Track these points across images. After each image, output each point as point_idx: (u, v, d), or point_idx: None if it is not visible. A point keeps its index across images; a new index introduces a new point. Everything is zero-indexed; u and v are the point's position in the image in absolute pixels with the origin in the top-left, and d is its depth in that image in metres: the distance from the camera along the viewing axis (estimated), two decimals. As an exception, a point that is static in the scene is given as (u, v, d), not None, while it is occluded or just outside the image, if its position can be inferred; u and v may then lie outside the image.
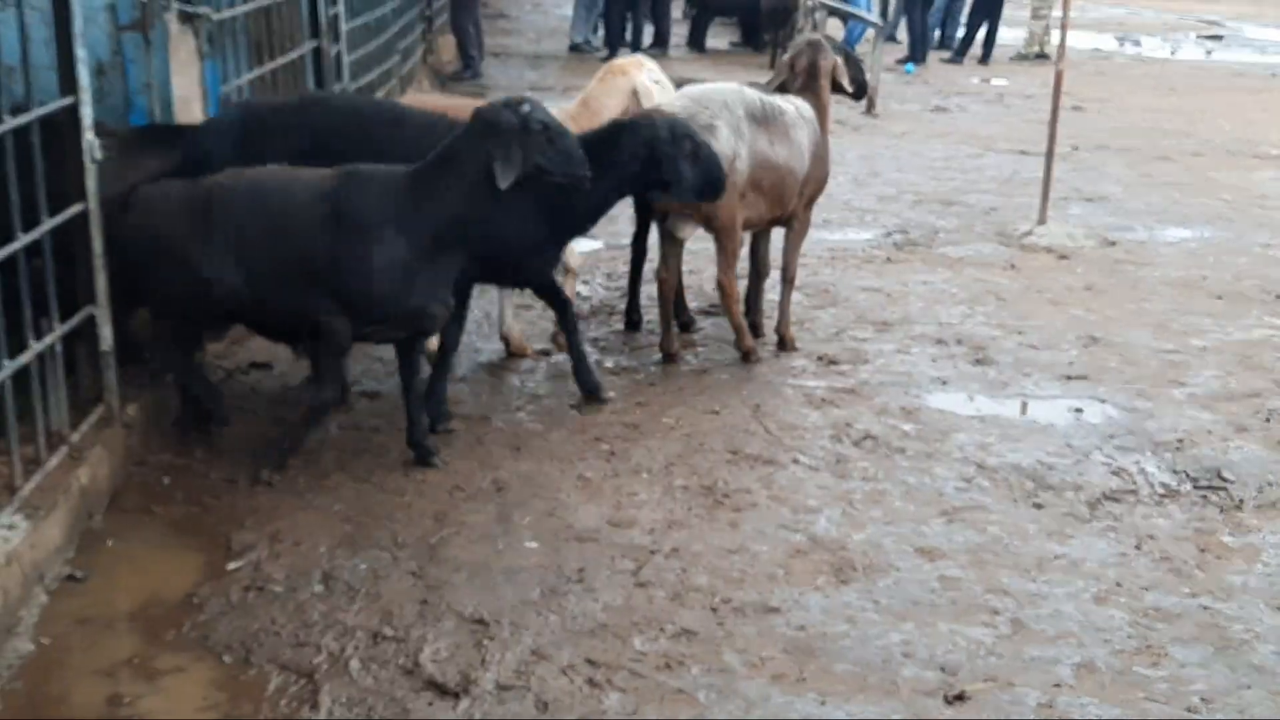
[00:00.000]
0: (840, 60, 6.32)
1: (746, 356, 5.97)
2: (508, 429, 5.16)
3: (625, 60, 6.59)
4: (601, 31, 16.18)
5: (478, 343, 6.15)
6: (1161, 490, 4.83)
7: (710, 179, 5.20)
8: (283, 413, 5.19)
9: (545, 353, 6.01)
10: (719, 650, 3.70)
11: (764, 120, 5.77)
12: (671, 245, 5.95)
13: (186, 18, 5.60)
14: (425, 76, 13.15)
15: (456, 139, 4.56)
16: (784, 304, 6.17)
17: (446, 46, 14.86)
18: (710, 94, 5.82)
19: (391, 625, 3.76)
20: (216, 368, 5.57)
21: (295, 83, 7.43)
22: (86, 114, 4.34)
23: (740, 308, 6.08)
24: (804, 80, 6.30)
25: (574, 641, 3.71)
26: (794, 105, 6.06)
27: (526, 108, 4.51)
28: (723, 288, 5.93)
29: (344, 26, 8.75)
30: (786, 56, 6.52)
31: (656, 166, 5.11)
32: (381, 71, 10.17)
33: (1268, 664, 3.72)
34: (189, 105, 5.64)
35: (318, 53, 7.99)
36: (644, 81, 6.17)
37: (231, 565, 4.07)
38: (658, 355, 6.00)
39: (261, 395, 5.42)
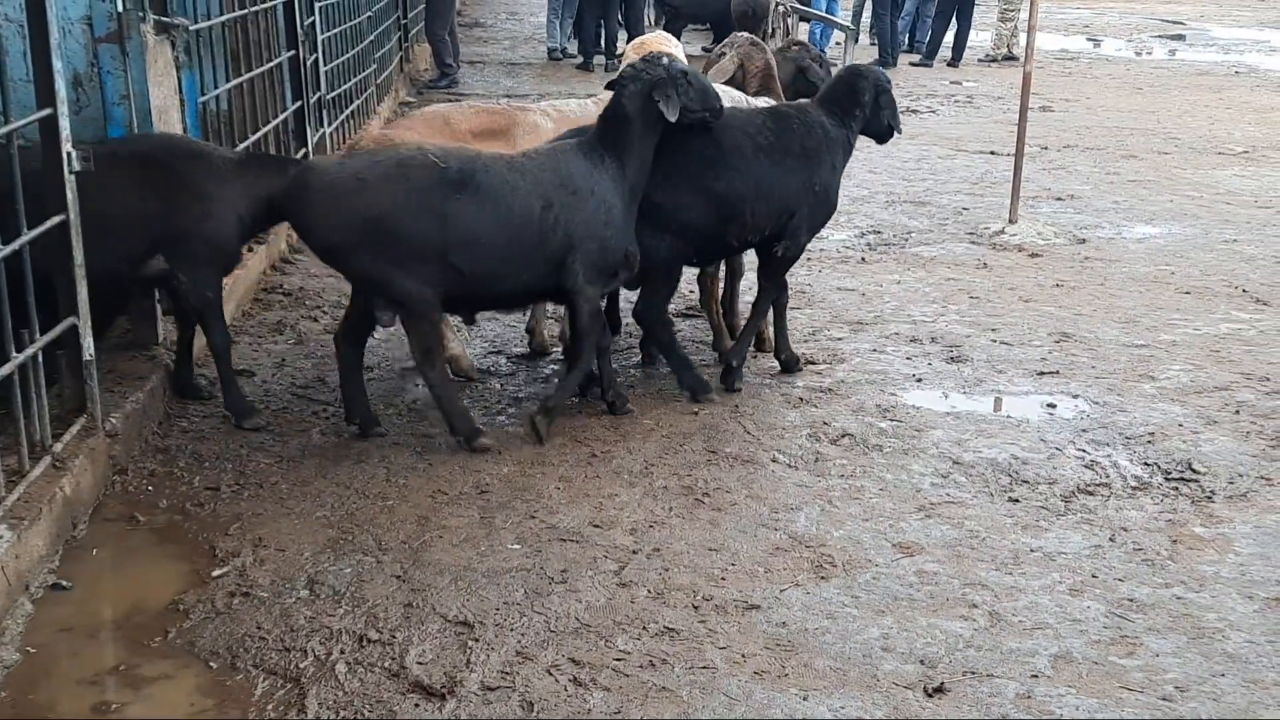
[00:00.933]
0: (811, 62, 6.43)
1: (724, 357, 6.02)
2: (489, 432, 5.19)
3: (654, 37, 6.67)
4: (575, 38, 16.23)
5: (456, 349, 6.17)
6: (1134, 483, 4.90)
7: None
8: (265, 417, 5.22)
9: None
10: (701, 648, 3.74)
11: None
12: None
13: (163, 28, 5.63)
14: (402, 85, 13.19)
15: (617, 99, 5.09)
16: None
17: (423, 55, 14.90)
18: None
19: (377, 628, 3.79)
20: (199, 376, 5.58)
21: (273, 92, 7.46)
22: (64, 125, 4.36)
23: (718, 308, 6.14)
24: (760, 81, 6.39)
25: (558, 642, 3.75)
26: (763, 101, 6.16)
27: (667, 60, 5.14)
28: (703, 288, 5.98)
29: (320, 36, 8.78)
30: (730, 56, 6.56)
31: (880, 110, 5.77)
32: (358, 80, 10.20)
33: (1241, 652, 3.78)
34: (166, 116, 5.66)
35: (295, 62, 8.03)
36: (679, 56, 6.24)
37: (216, 572, 4.10)
38: (637, 357, 6.05)
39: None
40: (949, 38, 16.69)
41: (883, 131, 5.91)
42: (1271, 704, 3.53)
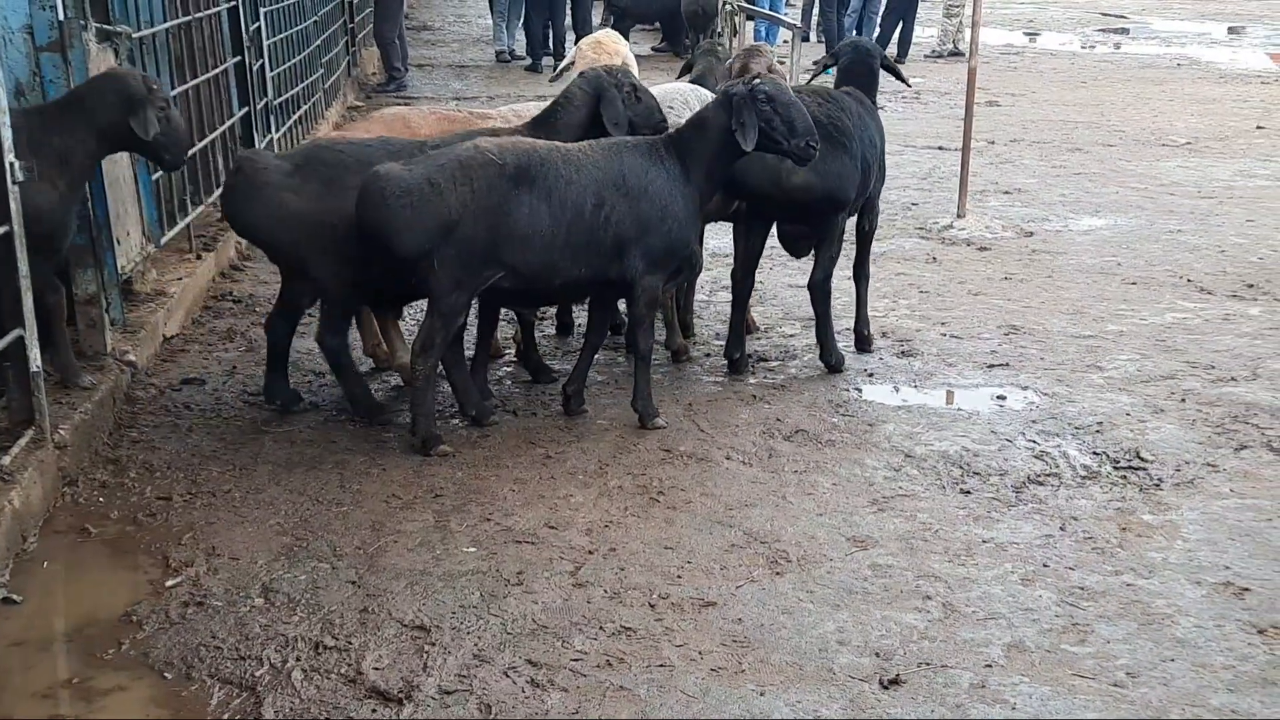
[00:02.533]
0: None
1: (677, 356, 6.05)
2: (443, 436, 5.18)
3: (605, 34, 6.87)
4: (523, 39, 16.21)
5: (405, 357, 6.16)
6: (1083, 472, 4.96)
7: None
8: (217, 426, 5.19)
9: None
10: (658, 646, 3.75)
11: None
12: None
13: (105, 36, 5.59)
14: (350, 89, 13.13)
15: (707, 109, 5.27)
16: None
17: (371, 58, 14.83)
18: (671, 93, 6.12)
19: (333, 635, 3.78)
20: (148, 384, 5.54)
21: (220, 99, 7.41)
22: (6, 136, 4.32)
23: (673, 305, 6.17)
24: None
25: (515, 643, 3.75)
26: None
27: (755, 81, 5.21)
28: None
29: (266, 41, 8.73)
30: (732, 61, 6.73)
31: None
32: (306, 85, 10.15)
33: (1190, 637, 3.84)
34: (110, 123, 5.60)
35: (241, 68, 7.98)
36: (629, 57, 6.58)
37: (170, 582, 4.07)
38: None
39: (195, 410, 5.39)
40: (894, 34, 16.79)
41: None
42: (1220, 687, 3.58)
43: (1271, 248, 8.17)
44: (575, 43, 16.25)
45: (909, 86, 6.64)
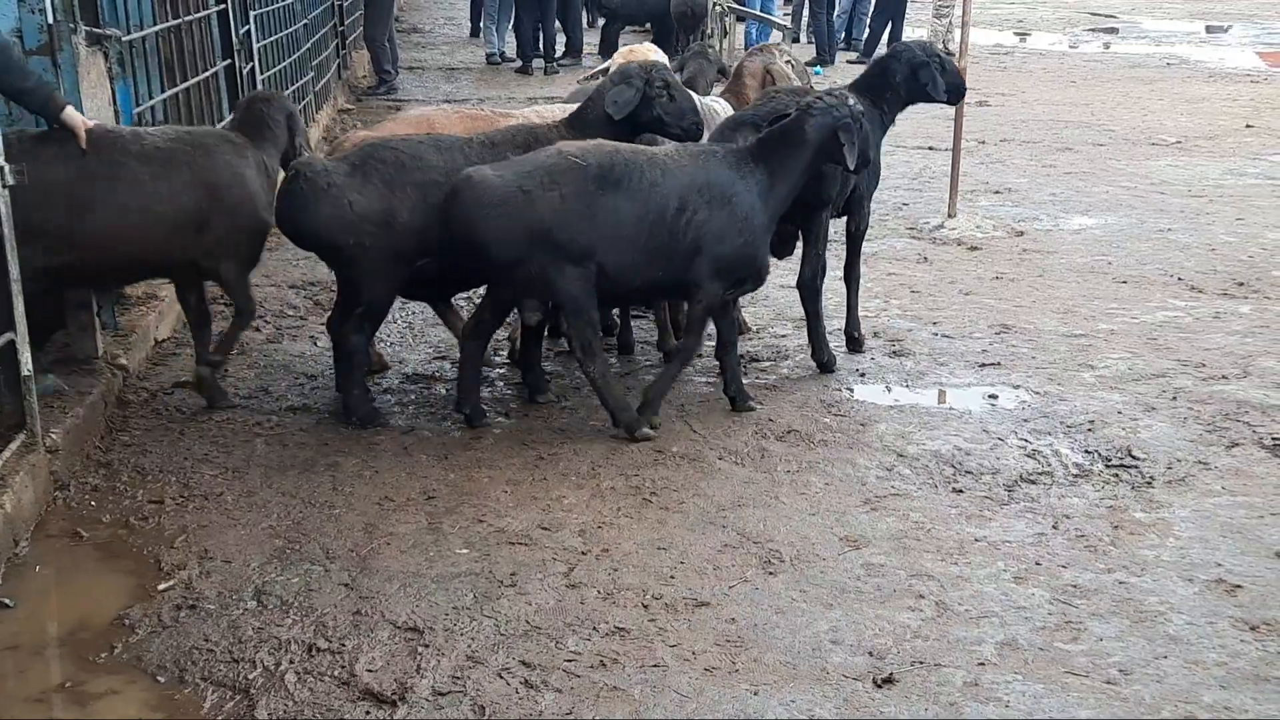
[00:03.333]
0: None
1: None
2: (435, 438, 5.19)
3: (643, 47, 6.81)
4: (514, 41, 16.22)
5: (402, 353, 6.17)
6: (1075, 471, 4.96)
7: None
8: (209, 429, 5.18)
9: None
10: (652, 646, 3.75)
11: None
12: None
13: (95, 39, 5.58)
14: (340, 92, 13.12)
15: (800, 122, 5.27)
16: None
17: (361, 61, 14.82)
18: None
19: (326, 637, 3.78)
20: (140, 388, 5.54)
21: (210, 102, 7.40)
22: (-3, 140, 4.31)
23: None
24: (729, 82, 6.74)
25: (508, 645, 3.75)
26: (721, 105, 6.39)
27: (854, 102, 5.44)
28: None
29: (256, 44, 8.73)
30: (744, 60, 7.02)
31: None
32: (296, 88, 10.14)
33: (1182, 634, 3.85)
34: (100, 127, 5.60)
35: (231, 71, 7.97)
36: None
37: (162, 585, 4.06)
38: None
39: (187, 414, 5.39)
40: (884, 34, 16.82)
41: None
42: (1213, 684, 3.59)
43: (1261, 246, 8.19)
44: (564, 44, 16.36)
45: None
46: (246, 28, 8.44)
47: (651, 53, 6.63)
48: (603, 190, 4.93)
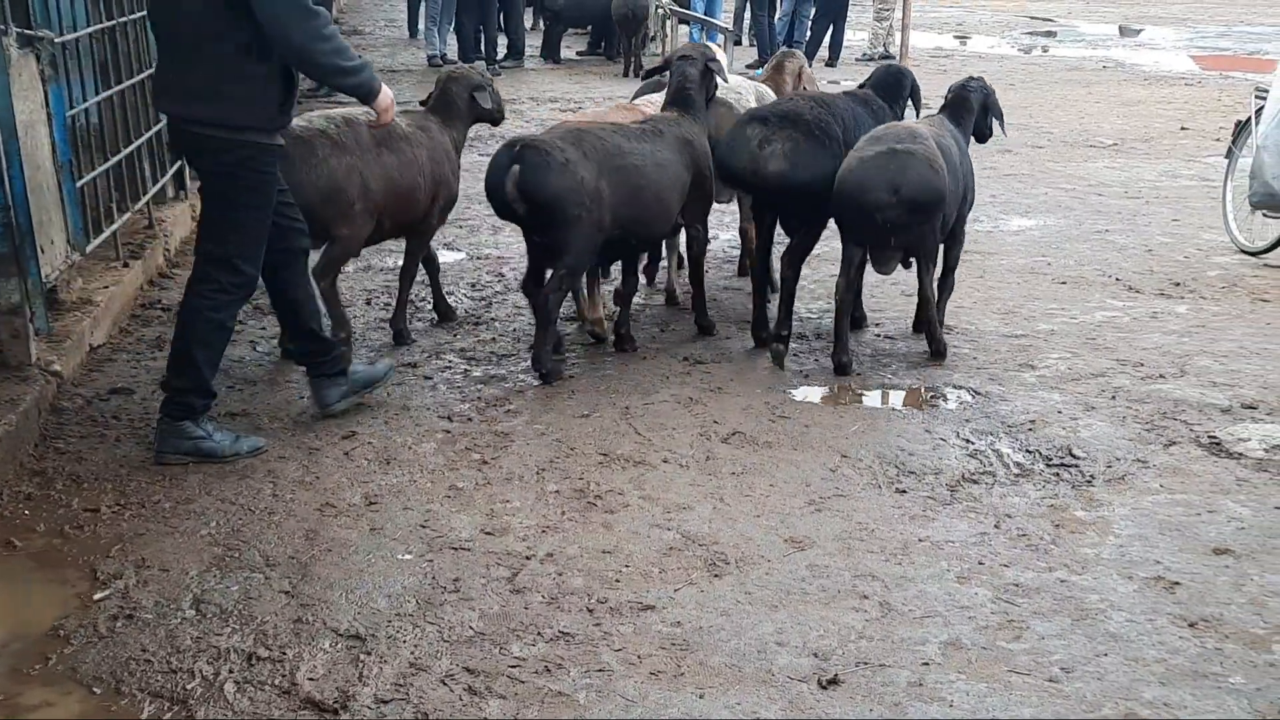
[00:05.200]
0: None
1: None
2: (377, 442, 5.14)
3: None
4: (455, 43, 16.14)
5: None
6: (1016, 470, 5.00)
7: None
8: (146, 435, 5.10)
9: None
10: (597, 651, 3.74)
11: None
12: None
13: (26, 41, 5.49)
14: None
15: (963, 91, 6.71)
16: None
17: (298, 63, 14.66)
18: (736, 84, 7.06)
19: (266, 646, 3.73)
20: (74, 395, 5.45)
21: (146, 104, 7.30)
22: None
23: None
24: (769, 73, 7.57)
25: (452, 651, 3.72)
26: (763, 88, 7.22)
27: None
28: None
29: (190, 45, 8.60)
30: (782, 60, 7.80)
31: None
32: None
33: (1122, 631, 3.88)
34: (33, 130, 5.52)
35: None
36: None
37: (98, 595, 3.99)
38: (524, 362, 6.03)
39: (123, 420, 5.30)
40: (825, 38, 16.91)
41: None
42: (1152, 681, 3.62)
43: (1196, 247, 8.31)
44: (506, 46, 16.30)
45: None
46: (183, 29, 8.32)
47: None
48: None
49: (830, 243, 8.28)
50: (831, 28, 16.86)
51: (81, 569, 4.16)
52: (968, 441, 5.25)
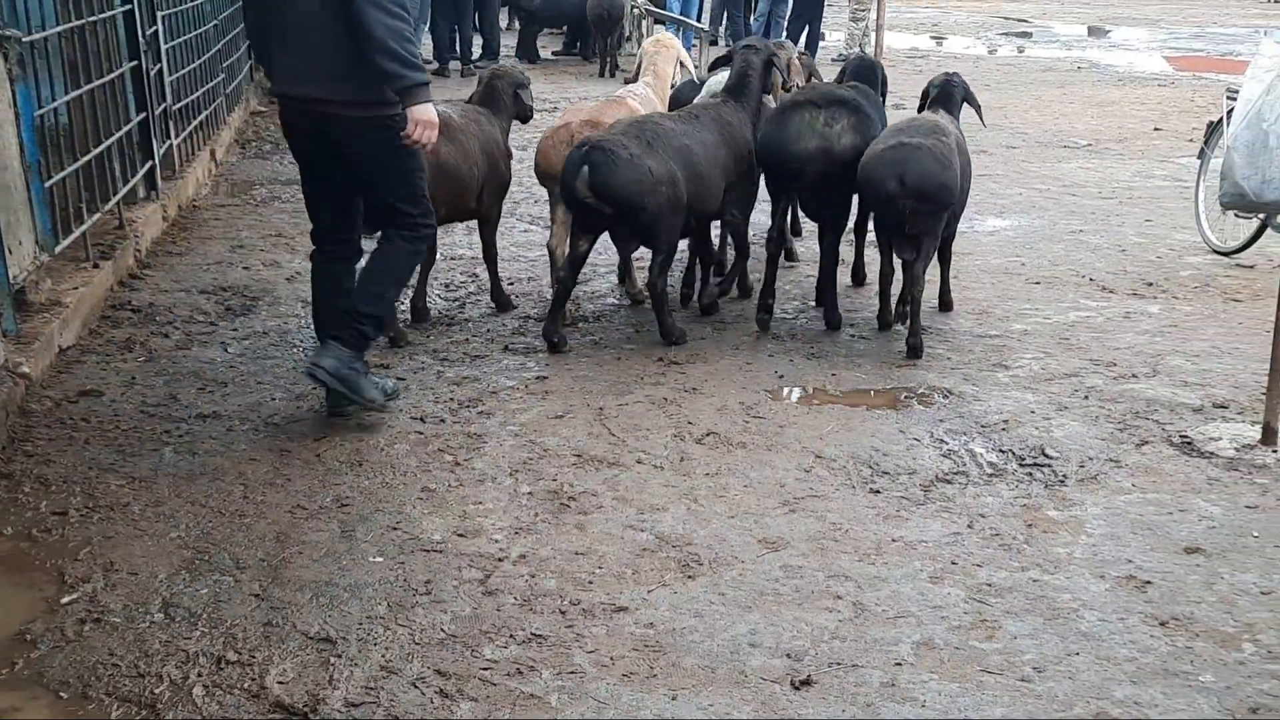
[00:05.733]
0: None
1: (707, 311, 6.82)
2: (349, 444, 5.11)
3: (667, 36, 8.18)
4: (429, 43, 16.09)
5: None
6: (990, 470, 5.01)
7: None
8: (115, 437, 5.06)
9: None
10: (569, 653, 3.72)
11: None
12: None
13: (-7, 39, 5.43)
14: (253, 94, 12.93)
15: (948, 84, 7.21)
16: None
17: (272, 63, 14.60)
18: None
19: (235, 649, 3.70)
20: (43, 396, 5.40)
21: (116, 104, 7.24)
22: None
23: None
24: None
25: (423, 654, 3.69)
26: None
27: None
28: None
29: (165, 45, 8.56)
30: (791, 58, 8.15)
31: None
32: (206, 90, 9.97)
33: (1094, 630, 3.89)
34: (0, 130, 5.46)
35: (138, 72, 7.81)
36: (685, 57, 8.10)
37: (65, 599, 3.95)
38: (499, 363, 6.01)
39: (92, 423, 5.25)
40: (801, 39, 16.93)
41: None
42: (1124, 679, 3.63)
43: (1169, 247, 8.34)
44: (481, 46, 16.26)
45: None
46: (154, 29, 8.27)
47: (671, 39, 8.08)
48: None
49: (802, 243, 8.31)
50: (807, 28, 16.88)
51: (49, 572, 4.12)
52: (941, 441, 5.25)
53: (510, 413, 5.46)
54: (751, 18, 17.02)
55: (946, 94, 7.10)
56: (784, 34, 17.08)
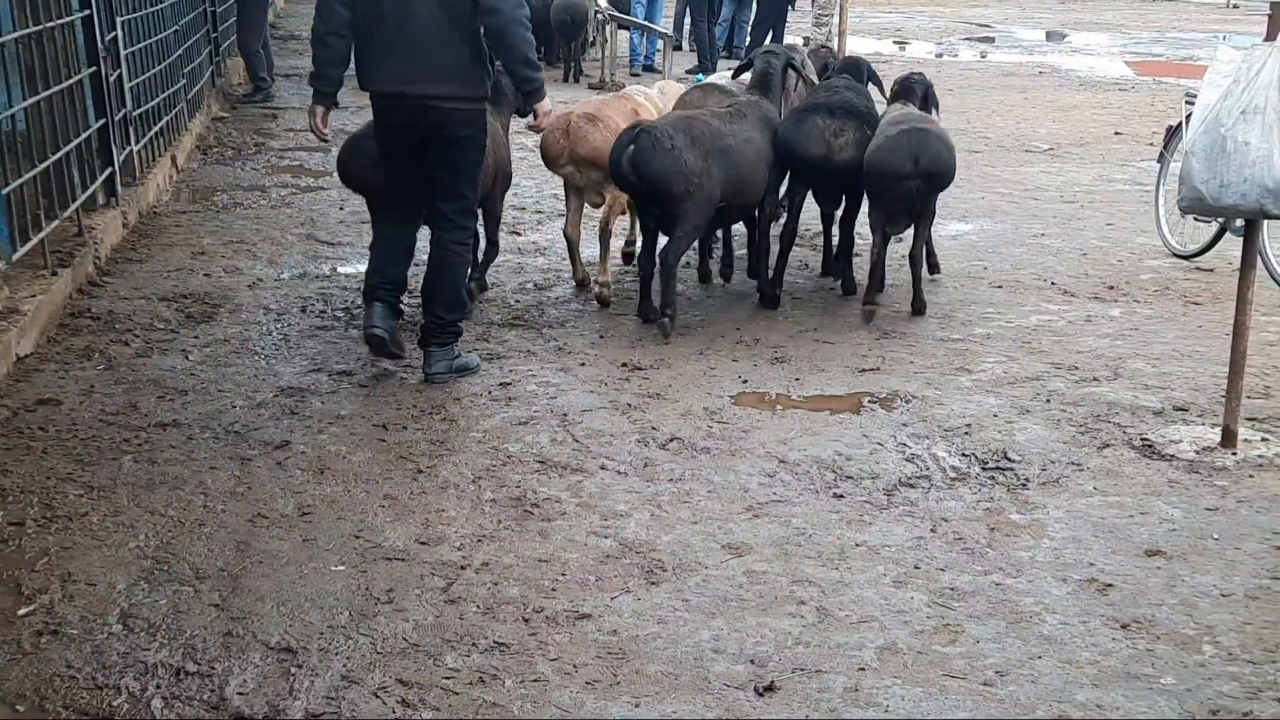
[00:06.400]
0: None
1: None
2: (311, 452, 5.08)
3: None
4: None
5: (276, 365, 6.03)
6: (952, 474, 5.02)
7: None
8: (73, 447, 5.01)
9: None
10: (532, 661, 3.70)
11: None
12: None
13: (-53, 44, 5.37)
14: (214, 100, 12.84)
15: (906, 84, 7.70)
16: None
17: (237, 69, 14.52)
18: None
19: (195, 660, 3.66)
20: (0, 406, 5.35)
21: (74, 110, 7.18)
22: None
23: None
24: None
25: (385, 663, 3.67)
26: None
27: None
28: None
29: (124, 51, 8.49)
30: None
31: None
32: (167, 96, 9.90)
33: (1056, 634, 3.90)
34: (-46, 135, 5.39)
35: (97, 78, 7.74)
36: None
37: (22, 610, 3.90)
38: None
39: (50, 432, 5.19)
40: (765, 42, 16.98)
41: None
42: (1085, 683, 3.64)
43: (1130, 250, 8.40)
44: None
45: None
46: (113, 34, 8.20)
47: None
48: None
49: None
50: (771, 33, 16.91)
51: (6, 584, 4.07)
52: (904, 445, 5.27)
53: (473, 419, 5.44)
54: (715, 23, 17.03)
55: (906, 89, 7.56)
56: (747, 39, 17.14)
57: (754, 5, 17.09)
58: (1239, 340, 5.20)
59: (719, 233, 7.69)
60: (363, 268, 7.60)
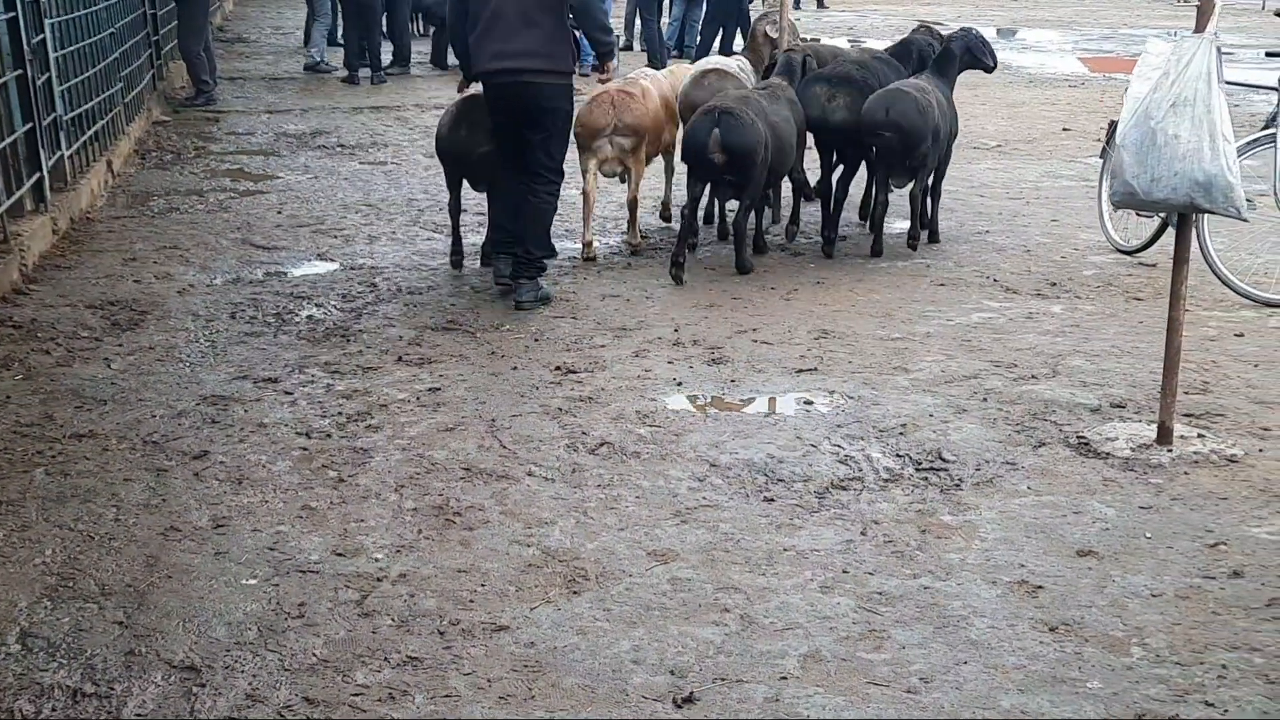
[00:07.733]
0: None
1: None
2: (230, 462, 4.95)
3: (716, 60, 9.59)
4: (334, 50, 15.87)
5: (200, 374, 5.89)
6: (886, 475, 4.94)
7: None
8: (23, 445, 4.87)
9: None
10: (445, 676, 3.59)
11: None
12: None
13: None
14: (155, 103, 12.66)
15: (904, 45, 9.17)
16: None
17: (179, 72, 14.33)
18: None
19: (94, 681, 3.53)
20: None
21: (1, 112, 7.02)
22: None
23: None
24: (749, 42, 9.75)
25: (292, 680, 3.55)
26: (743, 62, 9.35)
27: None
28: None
29: (53, 54, 8.32)
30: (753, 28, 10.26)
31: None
32: (103, 99, 9.72)
33: (983, 638, 3.82)
34: None
35: (23, 82, 7.57)
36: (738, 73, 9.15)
37: (-84, 633, 3.77)
38: (390, 375, 5.87)
39: (-42, 446, 5.05)
40: (716, 42, 16.90)
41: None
42: (1011, 688, 3.56)
43: (1074, 247, 8.37)
44: (392, 53, 16.03)
45: None
46: (41, 36, 8.03)
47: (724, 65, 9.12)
48: None
49: (708, 247, 8.22)
50: (722, 31, 16.85)
51: (-98, 604, 3.93)
52: (838, 447, 5.19)
53: (399, 426, 5.32)
54: (664, 22, 16.96)
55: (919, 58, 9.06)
56: (697, 38, 17.06)
57: (704, 4, 17.00)
58: (1173, 336, 5.15)
59: (699, 224, 8.38)
60: (299, 272, 7.55)
